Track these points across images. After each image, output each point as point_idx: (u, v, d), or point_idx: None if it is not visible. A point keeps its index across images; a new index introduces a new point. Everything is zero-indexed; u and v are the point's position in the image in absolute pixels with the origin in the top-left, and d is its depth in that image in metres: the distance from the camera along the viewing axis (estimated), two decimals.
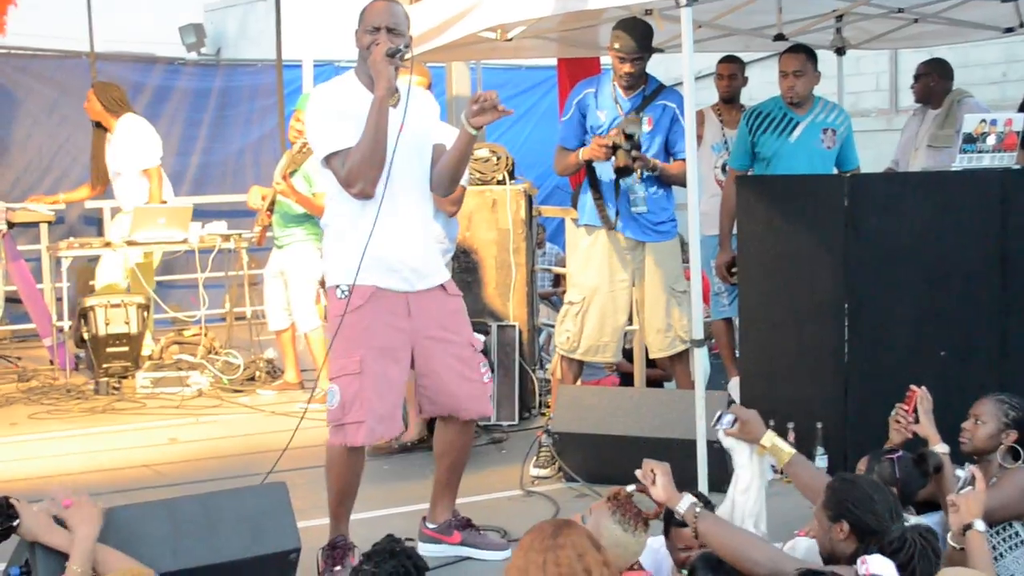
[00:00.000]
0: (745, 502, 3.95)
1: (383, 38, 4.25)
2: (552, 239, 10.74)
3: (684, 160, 5.84)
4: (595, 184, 6.06)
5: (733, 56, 7.77)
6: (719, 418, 4.04)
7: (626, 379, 7.49)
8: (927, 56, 7.90)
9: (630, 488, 3.58)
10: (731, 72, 7.68)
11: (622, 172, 5.86)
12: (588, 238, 6.17)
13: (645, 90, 6.03)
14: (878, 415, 5.47)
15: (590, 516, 3.51)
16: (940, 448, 4.14)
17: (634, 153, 5.78)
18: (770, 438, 3.98)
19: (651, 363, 6.98)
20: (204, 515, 3.87)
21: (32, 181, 10.36)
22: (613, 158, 5.83)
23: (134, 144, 8.41)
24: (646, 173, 5.92)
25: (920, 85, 7.65)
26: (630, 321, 6.39)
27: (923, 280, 5.51)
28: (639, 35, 5.87)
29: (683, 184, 5.88)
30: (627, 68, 5.89)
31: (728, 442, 4.02)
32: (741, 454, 4.00)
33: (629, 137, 5.77)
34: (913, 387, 4.38)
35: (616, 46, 5.89)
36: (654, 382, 7.24)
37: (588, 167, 6.07)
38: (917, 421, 4.38)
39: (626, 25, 5.90)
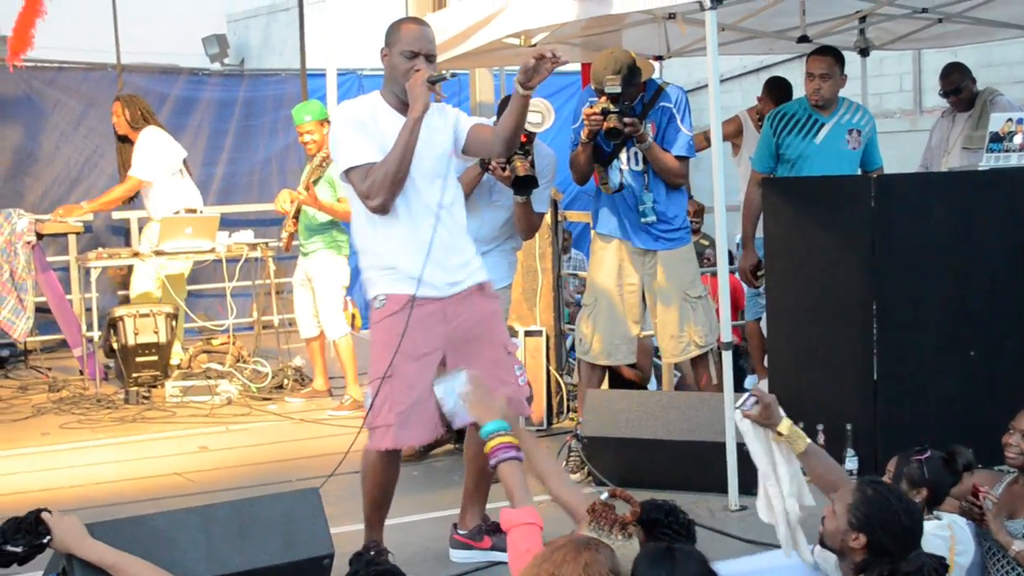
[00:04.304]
0: (772, 485, 3.93)
1: (422, 64, 4.35)
2: (577, 245, 10.75)
3: (678, 157, 5.88)
4: (598, 158, 6.03)
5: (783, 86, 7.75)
6: (744, 401, 3.98)
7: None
8: (951, 57, 7.88)
9: (604, 495, 3.54)
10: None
11: (612, 134, 5.79)
12: (601, 243, 6.21)
13: (644, 96, 6.02)
14: (907, 415, 5.48)
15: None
16: (1017, 547, 3.93)
17: (625, 119, 5.76)
18: (787, 425, 3.94)
19: (631, 366, 6.93)
20: (238, 521, 3.89)
21: (60, 193, 10.41)
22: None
23: (139, 153, 8.45)
24: (640, 153, 5.90)
25: (963, 96, 7.54)
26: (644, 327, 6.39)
27: (951, 280, 5.51)
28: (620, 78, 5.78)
29: (673, 175, 5.93)
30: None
31: (744, 426, 3.98)
32: (755, 441, 3.97)
33: (614, 100, 5.74)
34: (978, 488, 4.11)
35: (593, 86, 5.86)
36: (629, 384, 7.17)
37: (595, 152, 6.05)
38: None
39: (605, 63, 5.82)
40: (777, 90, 7.72)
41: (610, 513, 3.38)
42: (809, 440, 3.96)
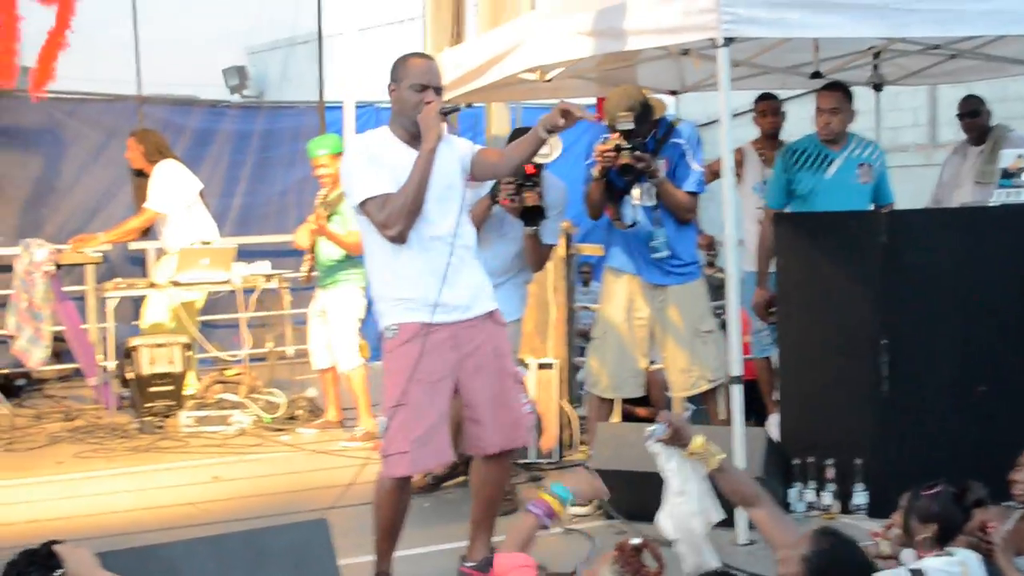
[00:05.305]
0: (684, 503, 3.97)
1: (433, 96, 4.46)
2: (597, 277, 10.79)
3: (689, 193, 5.94)
4: (611, 194, 6.06)
5: (770, 94, 7.76)
6: (655, 430, 4.02)
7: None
8: (966, 91, 7.90)
9: (636, 540, 3.53)
10: (773, 108, 7.65)
11: (625, 171, 5.86)
12: (612, 276, 6.24)
13: (656, 133, 6.06)
14: (918, 450, 5.48)
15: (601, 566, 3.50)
16: None
17: (637, 153, 5.80)
18: (699, 443, 3.97)
19: (644, 401, 6.93)
20: (248, 552, 3.92)
21: (79, 223, 10.47)
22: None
23: (154, 186, 8.51)
24: (654, 189, 5.93)
25: (980, 120, 7.58)
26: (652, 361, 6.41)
27: (961, 315, 5.51)
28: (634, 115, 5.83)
29: (684, 211, 6.00)
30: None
31: (655, 448, 4.01)
32: (668, 460, 4.00)
33: (627, 136, 5.78)
34: (987, 525, 4.11)
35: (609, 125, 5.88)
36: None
37: (607, 186, 6.08)
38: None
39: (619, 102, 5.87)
40: (763, 99, 7.73)
41: (635, 561, 3.39)
42: (723, 455, 4.02)
